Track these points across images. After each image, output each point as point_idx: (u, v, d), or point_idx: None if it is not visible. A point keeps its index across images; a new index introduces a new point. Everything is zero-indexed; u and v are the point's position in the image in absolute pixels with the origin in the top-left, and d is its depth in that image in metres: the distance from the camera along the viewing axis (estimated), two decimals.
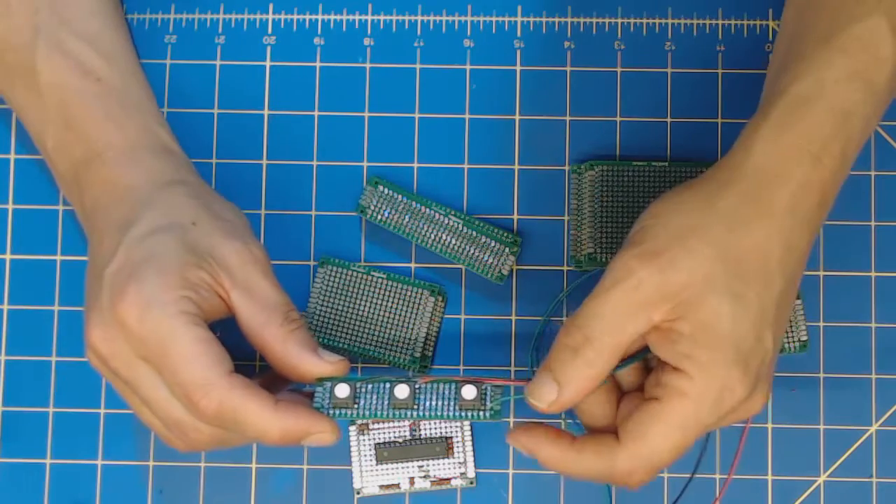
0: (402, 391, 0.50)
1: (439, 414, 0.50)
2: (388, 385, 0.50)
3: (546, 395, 0.48)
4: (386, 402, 0.50)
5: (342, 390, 0.50)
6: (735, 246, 0.47)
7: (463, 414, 0.50)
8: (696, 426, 0.47)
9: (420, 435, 0.58)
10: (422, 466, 0.58)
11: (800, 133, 0.48)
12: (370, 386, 0.50)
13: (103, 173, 0.53)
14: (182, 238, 0.50)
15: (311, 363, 0.50)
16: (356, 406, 0.50)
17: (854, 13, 0.49)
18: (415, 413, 0.50)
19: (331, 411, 0.50)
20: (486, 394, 0.50)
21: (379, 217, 0.59)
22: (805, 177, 0.48)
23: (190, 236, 0.50)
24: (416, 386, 0.50)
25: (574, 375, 0.47)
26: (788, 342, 0.58)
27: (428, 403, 0.50)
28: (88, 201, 0.53)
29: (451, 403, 0.50)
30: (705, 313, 0.46)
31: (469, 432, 0.58)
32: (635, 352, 0.49)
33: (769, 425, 0.58)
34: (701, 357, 0.46)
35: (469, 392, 0.50)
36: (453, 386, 0.50)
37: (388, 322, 0.58)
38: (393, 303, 0.59)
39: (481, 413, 0.50)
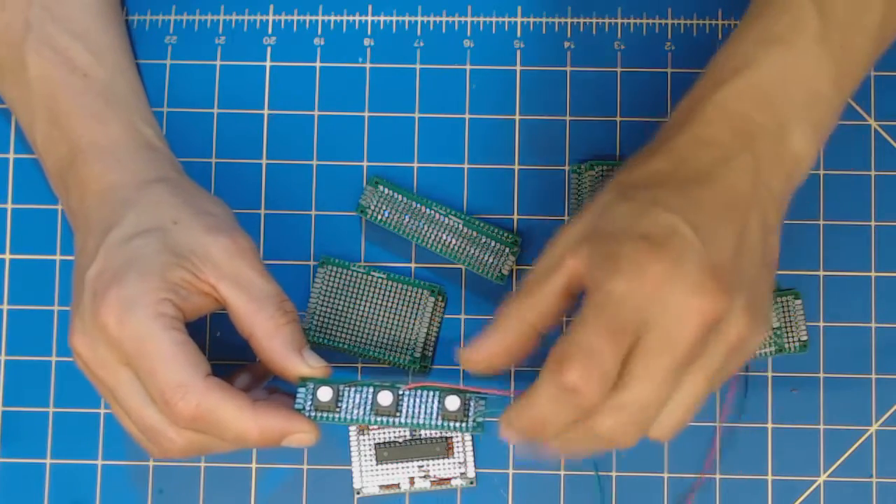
0: (385, 398, 0.50)
1: (421, 423, 0.50)
2: (371, 390, 0.50)
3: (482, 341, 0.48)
4: (369, 408, 0.50)
5: (325, 394, 0.50)
6: (630, 171, 0.48)
7: (445, 424, 0.50)
8: (615, 304, 0.44)
9: (420, 435, 0.58)
10: (422, 466, 0.58)
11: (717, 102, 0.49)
12: (353, 390, 0.50)
13: (86, 172, 0.53)
14: (163, 239, 0.50)
15: (294, 364, 0.50)
16: (338, 410, 0.50)
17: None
18: (397, 421, 0.50)
19: (313, 414, 0.50)
20: (469, 406, 0.50)
21: (379, 217, 0.59)
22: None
23: (171, 236, 0.50)
24: (400, 392, 0.50)
25: (506, 313, 0.48)
26: (788, 342, 0.58)
27: (411, 412, 0.50)
28: (74, 200, 0.53)
29: (434, 413, 0.50)
30: (602, 221, 0.46)
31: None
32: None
33: (769, 425, 0.58)
34: (602, 248, 0.45)
35: (452, 403, 0.50)
36: (437, 395, 0.50)
37: (388, 322, 0.58)
38: (393, 303, 0.59)
39: (463, 425, 0.50)
